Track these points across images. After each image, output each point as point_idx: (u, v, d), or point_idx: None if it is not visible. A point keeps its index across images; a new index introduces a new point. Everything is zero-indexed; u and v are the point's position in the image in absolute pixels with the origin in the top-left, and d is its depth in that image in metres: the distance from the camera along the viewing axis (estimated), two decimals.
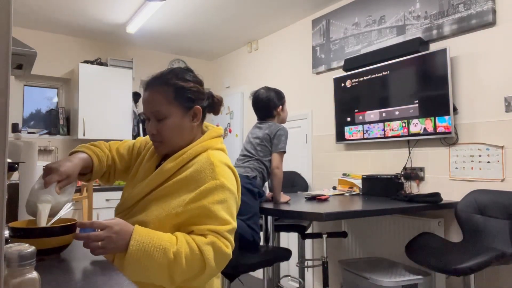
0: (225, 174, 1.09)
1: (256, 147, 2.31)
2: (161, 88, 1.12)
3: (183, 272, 0.96)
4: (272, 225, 2.36)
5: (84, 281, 0.75)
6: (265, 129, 2.34)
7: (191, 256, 0.96)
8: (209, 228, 1.01)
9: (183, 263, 0.95)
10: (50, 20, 3.95)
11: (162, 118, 1.11)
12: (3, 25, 0.41)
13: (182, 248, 0.96)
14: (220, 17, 3.87)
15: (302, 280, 2.99)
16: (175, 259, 0.94)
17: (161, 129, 1.12)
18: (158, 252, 0.94)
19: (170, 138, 1.13)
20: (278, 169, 2.29)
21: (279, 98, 2.45)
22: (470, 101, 2.47)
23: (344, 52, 3.34)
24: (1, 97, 0.42)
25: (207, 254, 0.98)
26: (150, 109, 1.13)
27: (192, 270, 0.97)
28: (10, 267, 0.53)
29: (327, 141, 3.51)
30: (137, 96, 4.68)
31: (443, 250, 2.07)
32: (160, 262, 0.94)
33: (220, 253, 1.00)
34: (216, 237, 1.01)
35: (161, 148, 1.15)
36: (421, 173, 2.71)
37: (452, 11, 2.55)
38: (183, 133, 1.15)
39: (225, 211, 1.05)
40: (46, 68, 4.28)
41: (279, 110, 2.44)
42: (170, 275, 0.96)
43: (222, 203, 1.05)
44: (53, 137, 4.34)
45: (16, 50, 2.22)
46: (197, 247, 0.97)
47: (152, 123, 1.13)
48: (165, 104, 1.11)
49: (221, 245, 1.00)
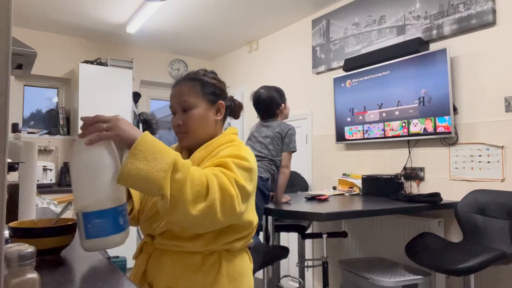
0: (247, 151, 1.08)
1: (268, 146, 2.30)
2: (188, 82, 1.19)
3: (184, 183, 0.86)
4: (272, 225, 2.36)
5: (84, 281, 0.75)
6: (274, 127, 2.34)
7: (198, 172, 0.90)
8: (209, 169, 0.97)
9: (187, 174, 0.87)
10: (50, 20, 3.95)
11: (188, 108, 1.15)
12: (3, 25, 0.41)
13: (190, 164, 0.90)
14: (220, 17, 3.87)
15: (302, 280, 2.99)
16: (183, 166, 0.88)
17: (187, 120, 1.15)
18: (167, 153, 0.87)
19: (195, 128, 1.15)
20: (287, 168, 2.31)
21: (281, 96, 2.46)
22: (470, 101, 2.47)
23: (344, 52, 3.34)
24: (1, 97, 0.42)
25: (211, 180, 0.91)
26: (177, 100, 1.17)
27: (195, 187, 0.88)
28: (10, 267, 0.53)
29: (327, 141, 3.51)
30: (137, 96, 4.68)
31: (443, 250, 2.07)
32: (166, 162, 0.85)
33: (224, 189, 0.91)
34: (223, 172, 0.95)
35: (185, 139, 1.17)
36: (421, 173, 2.71)
37: (452, 11, 2.55)
38: (207, 125, 1.18)
39: (242, 175, 0.99)
40: (46, 68, 4.28)
41: (282, 108, 2.44)
42: (172, 182, 0.86)
43: (241, 167, 1.00)
44: (53, 137, 4.33)
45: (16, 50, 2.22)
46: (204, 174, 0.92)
47: (178, 115, 1.17)
48: (192, 95, 1.16)
49: (226, 181, 0.92)
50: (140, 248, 1.14)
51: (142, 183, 0.84)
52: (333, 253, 3.26)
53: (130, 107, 4.46)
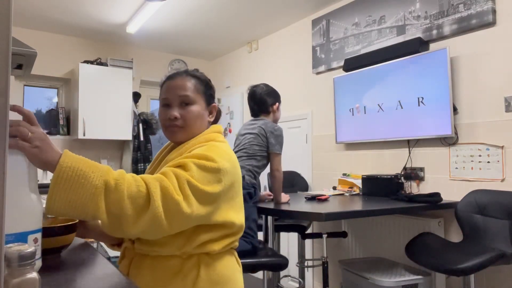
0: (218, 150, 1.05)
1: (251, 142, 2.25)
2: (192, 78, 1.18)
3: (122, 200, 0.82)
4: (272, 225, 2.36)
5: (84, 281, 0.75)
6: (260, 124, 2.29)
7: (136, 189, 0.84)
8: (163, 169, 0.94)
9: (124, 191, 0.82)
10: (50, 20, 3.95)
11: (188, 103, 1.14)
12: (3, 25, 0.41)
13: (124, 176, 0.85)
14: (220, 17, 3.87)
15: (302, 280, 2.99)
16: (115, 185, 0.82)
17: (186, 114, 1.13)
18: (94, 172, 0.80)
19: (192, 124, 1.14)
20: (278, 172, 2.27)
21: (276, 96, 2.44)
22: (470, 101, 2.47)
23: (344, 52, 3.34)
24: (1, 97, 0.42)
25: (152, 187, 0.86)
26: (178, 93, 1.14)
27: (135, 200, 0.83)
28: (10, 267, 0.53)
29: (327, 141, 3.51)
30: (137, 96, 4.68)
31: (443, 250, 2.07)
32: (94, 184, 0.79)
33: (167, 194, 0.87)
34: (164, 176, 0.91)
35: (179, 134, 1.14)
36: (421, 173, 2.71)
37: (452, 11, 2.55)
38: (202, 124, 1.17)
39: (203, 176, 0.96)
40: (46, 68, 4.28)
41: (275, 108, 2.41)
42: (107, 202, 0.81)
43: (202, 168, 0.97)
44: (53, 137, 4.33)
45: (16, 50, 2.22)
46: (141, 178, 0.88)
47: (174, 108, 1.14)
48: (195, 91, 1.16)
49: (169, 185, 0.88)
50: (122, 253, 1.13)
51: (73, 212, 0.78)
52: (333, 253, 3.26)
53: (130, 107, 4.46)
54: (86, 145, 4.49)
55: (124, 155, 4.63)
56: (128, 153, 4.54)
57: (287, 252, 3.76)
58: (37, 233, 0.78)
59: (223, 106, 5.02)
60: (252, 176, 2.21)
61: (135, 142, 4.50)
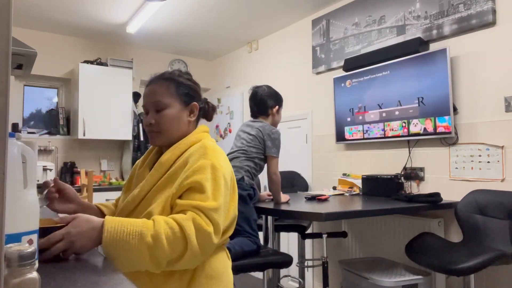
0: (217, 156, 1.11)
1: (249, 143, 2.23)
2: (163, 82, 1.20)
3: (166, 253, 0.93)
4: (272, 225, 2.36)
5: (84, 281, 0.75)
6: (258, 126, 2.27)
7: (172, 235, 0.94)
8: (190, 203, 1.00)
9: (164, 244, 0.93)
10: (50, 20, 3.95)
11: (161, 109, 1.17)
12: (3, 25, 0.41)
13: (162, 229, 0.94)
14: (220, 17, 3.87)
15: (302, 280, 2.99)
16: (154, 242, 0.93)
17: (160, 119, 1.17)
18: (134, 238, 0.92)
19: (167, 128, 1.17)
20: (275, 175, 2.24)
21: (277, 99, 2.41)
22: (470, 101, 2.47)
23: (344, 52, 3.34)
24: (1, 97, 0.42)
25: (188, 229, 0.95)
26: (151, 100, 1.18)
27: (175, 249, 0.94)
28: (10, 267, 0.53)
29: (327, 141, 3.51)
30: (137, 96, 4.68)
31: (443, 250, 2.07)
32: (138, 247, 0.92)
33: (200, 230, 0.96)
34: (196, 213, 0.99)
35: (157, 138, 1.19)
36: (421, 173, 2.71)
37: (452, 11, 2.55)
38: (180, 125, 1.20)
39: (213, 188, 1.04)
40: (46, 68, 4.28)
41: (274, 111, 2.37)
42: (153, 259, 0.93)
43: (210, 180, 1.05)
44: (53, 137, 4.33)
45: (16, 50, 2.22)
46: (177, 224, 0.96)
47: (150, 114, 1.18)
48: (166, 95, 1.18)
49: (201, 222, 0.97)
50: None
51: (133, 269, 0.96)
52: (333, 253, 3.26)
53: (130, 107, 4.46)
54: (86, 145, 4.49)
55: (124, 155, 4.63)
56: (128, 153, 4.54)
57: (287, 252, 3.76)
58: (32, 234, 0.76)
59: (223, 106, 5.02)
60: (250, 177, 2.20)
61: (135, 142, 4.51)
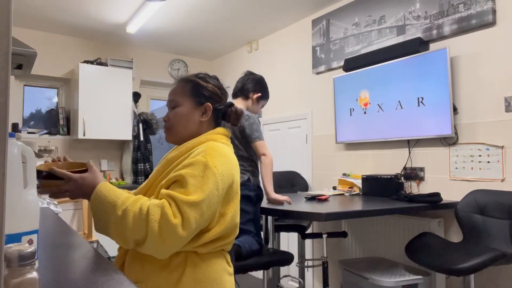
0: (215, 156, 1.08)
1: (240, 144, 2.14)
2: (182, 83, 1.27)
3: (130, 231, 0.96)
4: (272, 225, 2.36)
5: (84, 281, 0.75)
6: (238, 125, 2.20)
7: (139, 216, 0.96)
8: (168, 193, 1.00)
9: (129, 222, 0.95)
10: (50, 20, 3.95)
11: (174, 106, 1.23)
12: (3, 25, 0.41)
13: (133, 208, 0.97)
14: (220, 17, 3.87)
15: (302, 280, 2.99)
16: (121, 217, 0.96)
17: (172, 116, 1.23)
18: (110, 207, 0.98)
19: (176, 125, 1.22)
20: (265, 156, 2.05)
21: (264, 90, 2.30)
22: (470, 101, 2.47)
23: (344, 52, 3.34)
24: (1, 97, 0.42)
25: (152, 215, 0.95)
26: (168, 98, 1.26)
27: (138, 230, 0.95)
28: (10, 267, 0.53)
29: (327, 141, 3.51)
30: (137, 96, 4.68)
31: (443, 250, 2.07)
32: (108, 217, 0.98)
33: (165, 219, 0.95)
34: (168, 203, 0.98)
35: (168, 135, 1.25)
36: (421, 173, 2.71)
37: (452, 11, 2.55)
38: (188, 123, 1.22)
39: (197, 185, 1.02)
40: (46, 68, 4.28)
41: (255, 97, 2.25)
42: (118, 232, 0.97)
43: (196, 177, 1.03)
44: (53, 137, 4.33)
45: (16, 50, 2.22)
46: (147, 208, 0.97)
47: (168, 112, 1.26)
48: (180, 94, 1.24)
49: (169, 212, 0.96)
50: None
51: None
52: (333, 253, 3.26)
53: (130, 107, 4.46)
54: (86, 145, 4.49)
55: (124, 155, 4.63)
56: (128, 153, 4.54)
57: None
58: (33, 234, 0.76)
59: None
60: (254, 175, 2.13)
61: (135, 142, 4.50)
